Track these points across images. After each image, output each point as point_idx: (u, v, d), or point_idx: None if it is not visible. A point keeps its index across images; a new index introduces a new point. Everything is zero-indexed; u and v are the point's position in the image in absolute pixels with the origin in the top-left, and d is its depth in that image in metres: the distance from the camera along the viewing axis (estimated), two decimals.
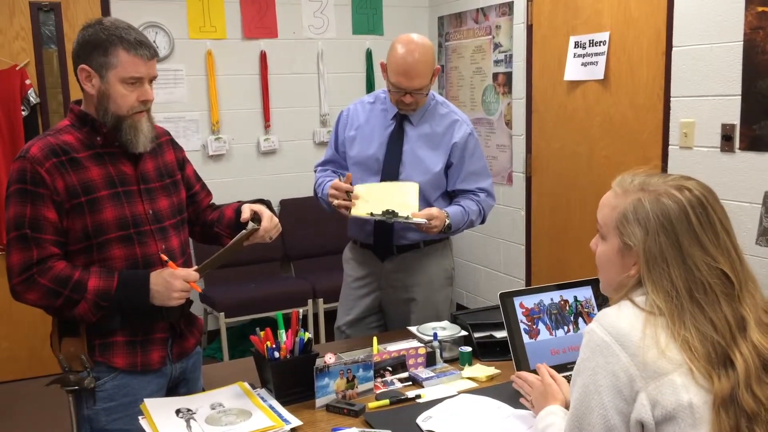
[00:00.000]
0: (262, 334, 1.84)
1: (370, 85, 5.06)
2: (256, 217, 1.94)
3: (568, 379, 1.38)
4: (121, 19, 1.87)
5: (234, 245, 1.89)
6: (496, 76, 4.51)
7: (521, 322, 1.92)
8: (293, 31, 4.85)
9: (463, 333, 2.14)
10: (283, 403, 1.77)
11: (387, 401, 1.79)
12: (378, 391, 1.87)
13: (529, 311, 1.94)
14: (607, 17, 3.61)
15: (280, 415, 1.70)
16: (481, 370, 1.98)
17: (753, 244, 2.74)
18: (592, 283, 2.00)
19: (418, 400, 1.81)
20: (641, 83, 3.43)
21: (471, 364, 2.03)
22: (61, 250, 1.79)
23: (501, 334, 2.09)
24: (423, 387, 1.90)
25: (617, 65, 3.56)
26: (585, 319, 1.98)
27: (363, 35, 5.05)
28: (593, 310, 1.99)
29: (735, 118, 2.96)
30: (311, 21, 4.90)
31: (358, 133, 2.59)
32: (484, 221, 2.63)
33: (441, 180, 2.55)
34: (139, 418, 1.73)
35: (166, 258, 1.86)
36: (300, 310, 1.92)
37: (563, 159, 3.99)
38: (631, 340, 1.19)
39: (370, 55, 5.06)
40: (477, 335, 2.14)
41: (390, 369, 1.98)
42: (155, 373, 1.91)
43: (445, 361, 2.06)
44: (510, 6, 4.32)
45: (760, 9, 2.80)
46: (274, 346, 1.81)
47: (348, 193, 2.39)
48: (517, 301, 1.94)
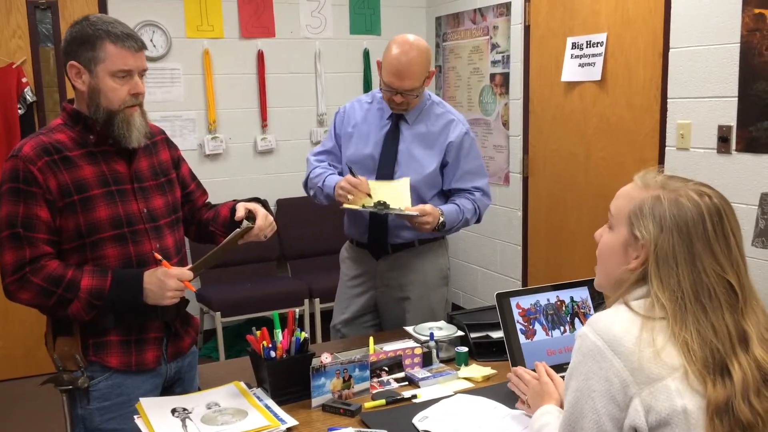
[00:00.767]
0: (258, 333, 1.83)
1: (368, 85, 5.06)
2: (251, 216, 1.94)
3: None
4: (119, 18, 1.87)
5: (228, 244, 1.88)
6: (493, 76, 4.52)
7: (518, 322, 1.92)
8: (291, 30, 4.84)
9: (460, 333, 2.14)
10: (279, 403, 1.77)
11: (383, 401, 1.79)
12: (374, 391, 1.87)
13: (526, 312, 1.94)
14: (605, 18, 3.61)
15: (276, 414, 1.70)
16: (478, 371, 1.98)
17: (749, 246, 2.75)
18: (589, 283, 2.00)
19: (414, 400, 1.81)
20: (638, 84, 3.44)
21: (467, 365, 2.03)
22: (54, 249, 1.78)
23: (497, 335, 2.09)
24: (419, 387, 1.90)
25: (614, 66, 3.56)
26: (581, 320, 1.98)
27: (360, 35, 5.05)
28: (589, 310, 1.99)
29: (732, 120, 2.96)
30: (309, 21, 4.90)
31: (354, 132, 2.60)
32: (479, 220, 2.63)
33: (436, 179, 2.55)
34: (135, 417, 1.72)
35: (160, 257, 1.85)
36: (296, 310, 1.92)
37: (560, 160, 3.99)
38: (625, 345, 1.19)
39: (367, 55, 5.06)
40: (473, 335, 2.14)
41: (386, 369, 1.97)
42: (150, 373, 1.90)
43: (442, 361, 2.06)
44: (507, 7, 4.32)
45: (757, 11, 2.80)
46: (271, 345, 1.80)
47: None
48: (513, 301, 1.94)
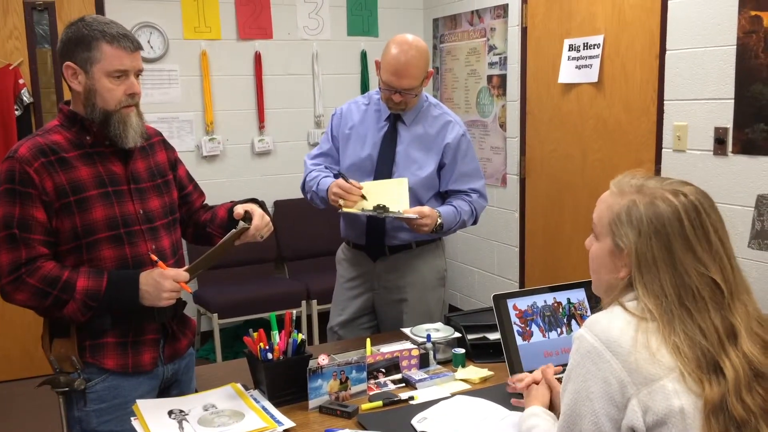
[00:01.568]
0: (255, 335, 1.83)
1: (365, 87, 5.06)
2: (247, 216, 1.94)
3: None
4: (116, 19, 1.87)
5: (224, 245, 1.88)
6: (490, 78, 4.52)
7: (514, 324, 1.92)
8: (288, 32, 4.84)
9: (457, 335, 2.14)
10: (276, 405, 1.77)
11: (380, 403, 1.79)
12: (371, 393, 1.87)
13: (523, 313, 1.94)
14: (602, 20, 3.62)
15: (272, 416, 1.70)
16: (474, 372, 1.98)
17: (745, 248, 2.75)
18: (585, 285, 2.00)
19: (411, 402, 1.81)
20: (635, 86, 3.44)
21: (464, 366, 2.03)
22: (50, 251, 1.78)
23: (494, 336, 2.09)
24: (416, 389, 1.90)
25: (611, 68, 3.57)
26: (578, 321, 1.98)
27: (358, 37, 5.05)
28: (586, 312, 1.99)
29: (728, 122, 2.97)
30: (306, 22, 4.90)
31: (352, 133, 2.60)
32: (476, 222, 2.63)
33: (434, 180, 2.55)
34: (132, 419, 1.72)
35: (156, 258, 1.85)
36: (293, 312, 1.92)
37: (557, 161, 4.00)
38: (622, 346, 1.19)
39: (365, 56, 5.07)
40: (470, 337, 2.14)
41: (383, 370, 1.98)
42: (147, 375, 1.90)
43: (439, 362, 2.06)
44: (505, 8, 4.32)
45: (753, 13, 2.81)
46: (268, 347, 1.81)
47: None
48: (510, 303, 1.94)
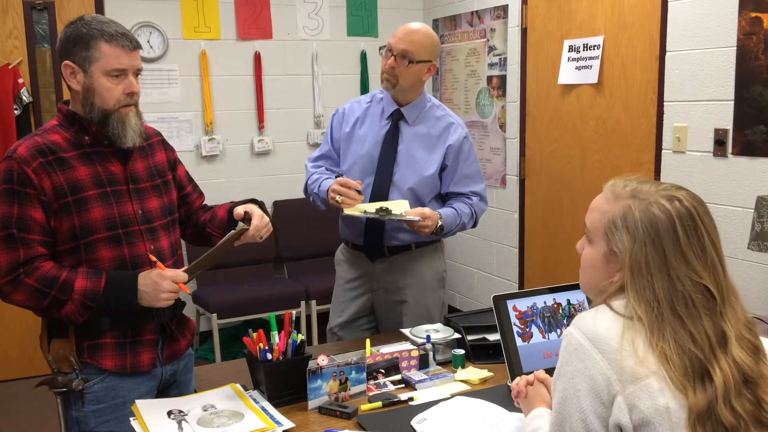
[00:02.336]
0: (254, 335, 1.83)
1: (365, 87, 5.06)
2: (247, 217, 1.93)
3: None
4: (116, 19, 1.87)
5: (224, 245, 1.88)
6: (490, 79, 4.52)
7: (514, 325, 1.92)
8: (288, 32, 4.84)
9: (456, 335, 2.14)
10: (276, 405, 1.77)
11: (380, 403, 1.79)
12: (371, 394, 1.87)
13: (522, 314, 1.94)
14: (601, 21, 3.62)
15: (272, 416, 1.70)
16: (474, 373, 1.98)
17: (745, 249, 2.75)
18: None
19: (411, 403, 1.81)
20: (635, 87, 3.44)
21: (464, 367, 2.03)
22: (48, 251, 1.78)
23: (494, 337, 2.09)
24: (416, 389, 1.90)
25: (611, 69, 3.57)
26: None
27: (357, 37, 5.05)
28: None
29: (728, 123, 2.97)
30: (306, 22, 4.90)
31: (353, 132, 2.59)
32: (475, 225, 2.63)
33: (435, 182, 2.55)
34: (131, 419, 1.72)
35: (154, 258, 1.85)
36: (293, 312, 1.91)
37: (557, 162, 4.00)
38: (609, 343, 1.20)
39: (364, 56, 5.06)
40: (470, 338, 2.14)
41: (383, 371, 1.97)
42: (145, 375, 1.90)
43: (438, 363, 2.06)
44: (505, 9, 4.33)
45: (754, 14, 2.81)
46: (267, 347, 1.80)
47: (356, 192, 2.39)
48: (510, 304, 1.94)
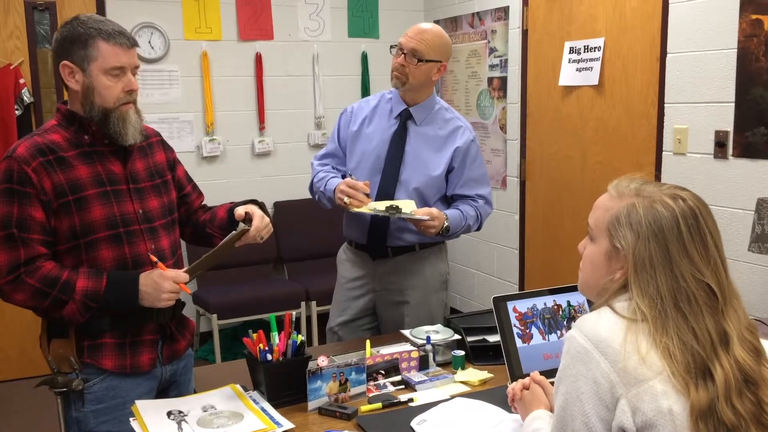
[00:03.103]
0: (254, 336, 1.83)
1: (365, 88, 5.05)
2: (248, 218, 1.94)
3: None
4: (117, 20, 1.88)
5: (224, 246, 1.88)
6: (491, 80, 4.52)
7: (514, 326, 1.92)
8: (289, 33, 4.85)
9: (456, 337, 2.14)
10: (275, 406, 1.77)
11: (379, 404, 1.79)
12: (370, 395, 1.86)
13: (523, 315, 1.94)
14: (602, 23, 3.62)
15: (272, 417, 1.70)
16: (474, 374, 1.98)
17: (746, 251, 2.75)
18: None
19: (411, 404, 1.80)
20: (635, 89, 3.44)
21: (464, 368, 2.03)
22: (49, 250, 1.78)
23: (494, 338, 2.09)
24: (416, 390, 1.90)
25: (612, 71, 3.57)
26: None
27: (359, 38, 5.05)
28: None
29: (728, 125, 2.97)
30: (307, 23, 4.90)
31: (361, 130, 2.60)
32: (480, 228, 2.63)
33: (441, 183, 2.55)
34: (131, 419, 1.72)
35: (155, 259, 1.85)
36: (293, 313, 1.92)
37: (557, 164, 4.00)
38: (611, 346, 1.20)
39: (365, 58, 5.06)
40: (470, 339, 2.14)
41: (383, 372, 1.97)
42: (145, 376, 1.90)
43: (438, 364, 2.06)
44: (505, 11, 4.33)
45: (754, 17, 2.81)
46: (267, 348, 1.80)
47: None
48: (510, 305, 1.94)
